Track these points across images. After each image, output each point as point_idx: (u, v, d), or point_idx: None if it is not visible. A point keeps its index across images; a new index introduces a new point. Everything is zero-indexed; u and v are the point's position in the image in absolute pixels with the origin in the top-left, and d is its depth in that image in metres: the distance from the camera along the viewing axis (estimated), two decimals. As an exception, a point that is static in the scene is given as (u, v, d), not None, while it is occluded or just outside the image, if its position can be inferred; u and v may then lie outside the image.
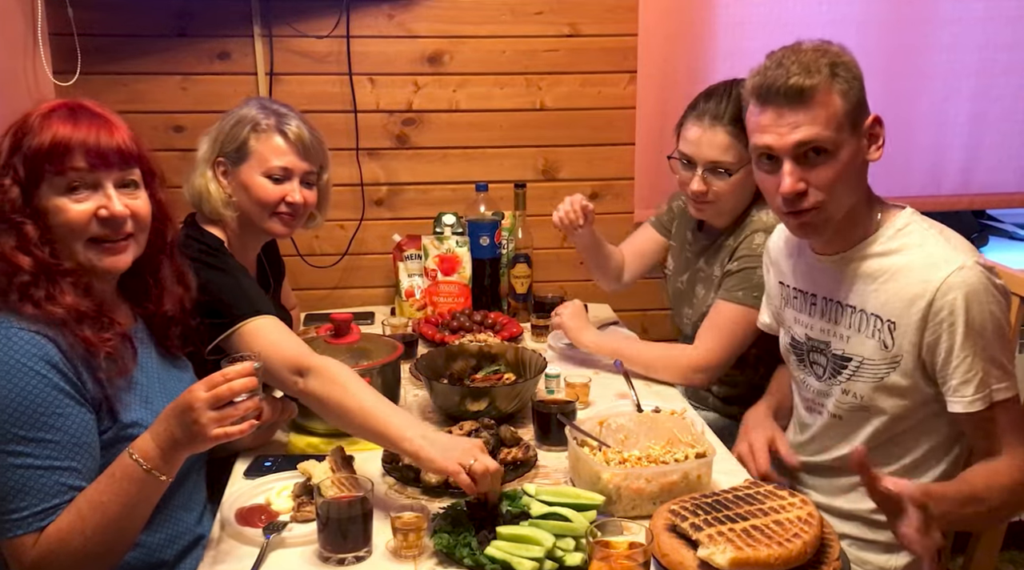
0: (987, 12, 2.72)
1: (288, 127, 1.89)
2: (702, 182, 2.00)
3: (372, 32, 2.63)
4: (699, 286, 2.18)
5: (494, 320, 2.37)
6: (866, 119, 1.56)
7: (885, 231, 1.60)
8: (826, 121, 1.52)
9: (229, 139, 1.89)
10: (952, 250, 1.53)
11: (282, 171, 1.89)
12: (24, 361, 1.31)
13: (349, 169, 2.69)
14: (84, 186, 1.39)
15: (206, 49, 2.58)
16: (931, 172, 2.82)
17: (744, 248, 2.02)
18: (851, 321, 1.63)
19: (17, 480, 1.31)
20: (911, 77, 2.74)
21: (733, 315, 2.01)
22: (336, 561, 1.36)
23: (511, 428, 1.71)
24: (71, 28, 2.46)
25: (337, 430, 1.78)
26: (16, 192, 1.36)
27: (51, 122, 1.38)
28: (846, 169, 1.54)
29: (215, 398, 1.29)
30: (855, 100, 1.54)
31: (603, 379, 2.04)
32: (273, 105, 1.94)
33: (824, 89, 1.51)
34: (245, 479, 1.62)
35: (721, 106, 1.98)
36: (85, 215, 1.39)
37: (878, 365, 1.59)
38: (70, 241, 1.40)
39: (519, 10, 2.66)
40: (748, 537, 1.27)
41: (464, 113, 2.72)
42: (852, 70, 1.54)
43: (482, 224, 2.51)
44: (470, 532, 1.37)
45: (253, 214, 1.90)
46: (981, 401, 1.49)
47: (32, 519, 1.31)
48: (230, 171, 1.90)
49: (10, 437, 1.30)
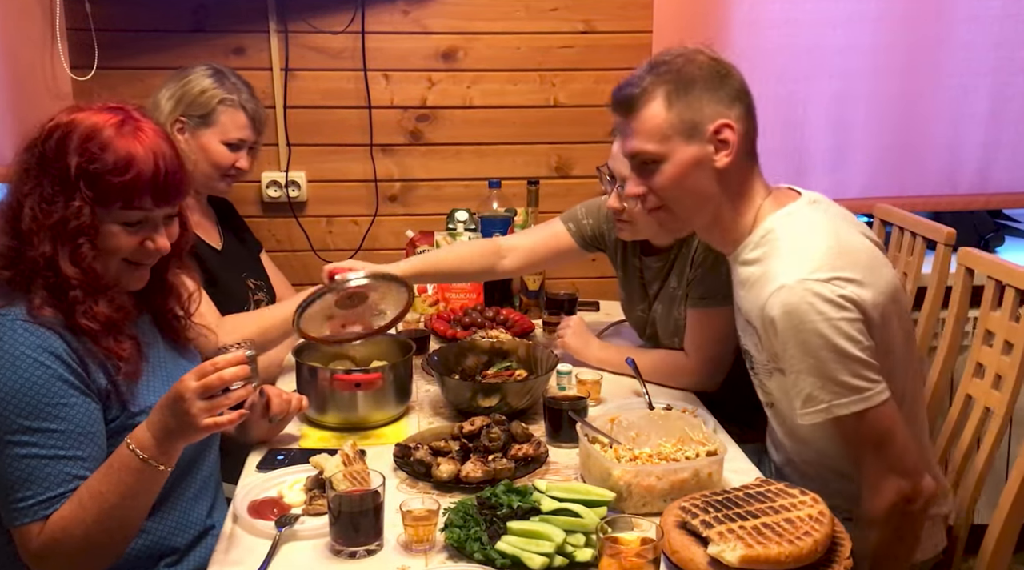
0: (1004, 10, 2.69)
1: (248, 104, 2.21)
2: (618, 198, 1.93)
3: (387, 28, 2.63)
4: (658, 305, 2.09)
5: (506, 316, 2.37)
6: (711, 125, 1.54)
7: (752, 238, 1.60)
8: (647, 133, 1.56)
9: (196, 105, 2.16)
10: (786, 265, 1.50)
11: (238, 141, 2.20)
12: (28, 352, 1.33)
13: (363, 165, 2.70)
14: (144, 222, 1.42)
15: (222, 44, 2.59)
16: (947, 171, 2.80)
17: (700, 252, 1.95)
18: (741, 321, 1.68)
19: (23, 470, 1.32)
20: (927, 75, 2.71)
21: (711, 324, 1.95)
22: (347, 554, 1.36)
23: (522, 424, 1.71)
24: (88, 23, 2.48)
25: (350, 424, 1.80)
26: (88, 213, 1.37)
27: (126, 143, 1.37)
28: (680, 176, 1.56)
29: (204, 388, 1.30)
30: (688, 109, 1.54)
31: (615, 376, 2.04)
32: (231, 78, 2.21)
33: (645, 101, 1.55)
34: (258, 472, 1.63)
35: None
36: (133, 243, 1.42)
37: (763, 365, 1.62)
38: (109, 258, 1.42)
39: (533, 6, 2.66)
40: (758, 535, 1.27)
41: (478, 109, 2.72)
42: (690, 77, 1.54)
43: (495, 220, 2.51)
44: (481, 527, 1.37)
45: (204, 173, 2.18)
46: (811, 416, 1.49)
47: (37, 507, 1.33)
48: (189, 130, 2.16)
49: (15, 427, 1.32)
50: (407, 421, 1.86)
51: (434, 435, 1.70)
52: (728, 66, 1.58)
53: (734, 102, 1.56)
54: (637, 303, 2.18)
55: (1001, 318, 1.80)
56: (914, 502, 1.51)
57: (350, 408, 1.80)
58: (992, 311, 1.84)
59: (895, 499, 1.50)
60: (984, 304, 1.87)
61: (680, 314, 2.03)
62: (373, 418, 1.81)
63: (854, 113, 2.72)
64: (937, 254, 2.13)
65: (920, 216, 2.35)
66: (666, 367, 2.02)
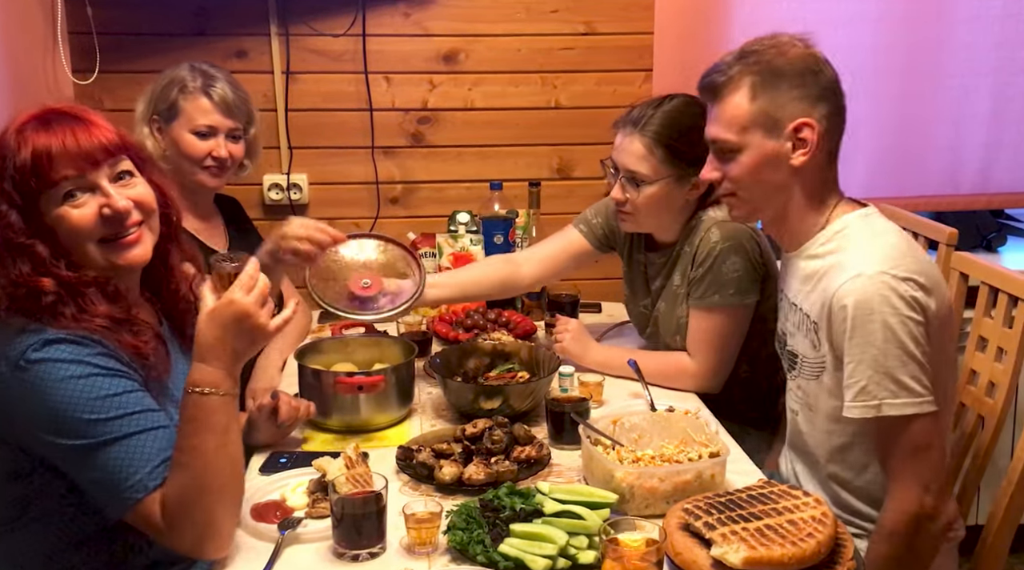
0: (1005, 9, 2.70)
1: (213, 89, 2.11)
2: (621, 190, 1.96)
3: (388, 30, 2.64)
4: (661, 303, 2.09)
5: (508, 318, 2.37)
6: (791, 123, 1.54)
7: (824, 233, 1.60)
8: (727, 122, 1.56)
9: (161, 99, 2.12)
10: (865, 257, 1.51)
11: (207, 128, 2.11)
12: (74, 370, 1.30)
13: (364, 167, 2.70)
14: (80, 190, 1.36)
15: (223, 48, 2.59)
16: (948, 171, 2.80)
17: (703, 249, 1.95)
18: (795, 319, 1.66)
19: (118, 457, 1.30)
20: (928, 75, 2.72)
21: (714, 323, 1.95)
22: (350, 557, 1.36)
23: (524, 426, 1.71)
24: (90, 27, 2.48)
25: (352, 427, 1.80)
26: (15, 216, 1.33)
27: (26, 136, 1.34)
28: (754, 169, 1.57)
29: (261, 296, 1.35)
30: (772, 103, 1.53)
31: (617, 378, 2.04)
32: (202, 66, 2.15)
33: (730, 90, 1.56)
34: (260, 475, 1.63)
35: (644, 116, 1.93)
36: (89, 218, 1.36)
37: (812, 364, 1.61)
38: (83, 247, 1.38)
39: (535, 8, 2.66)
40: (761, 536, 1.27)
41: (479, 111, 2.72)
42: (779, 71, 1.53)
43: (496, 222, 2.51)
44: (483, 529, 1.37)
45: (184, 168, 2.12)
46: (861, 410, 1.48)
47: (146, 480, 1.31)
48: (163, 128, 2.13)
49: (94, 432, 1.30)
50: (409, 424, 1.85)
51: (436, 437, 1.70)
52: (821, 62, 1.57)
53: (820, 100, 1.55)
54: (640, 299, 2.18)
55: (994, 324, 1.80)
56: (935, 521, 1.50)
57: (352, 411, 1.80)
58: (985, 317, 1.84)
59: (918, 513, 1.48)
60: (978, 310, 1.87)
61: (683, 313, 2.02)
62: (375, 421, 1.81)
63: (855, 113, 2.69)
64: (939, 254, 2.12)
65: (922, 216, 2.35)
66: (669, 369, 2.01)
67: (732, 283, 1.92)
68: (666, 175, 1.93)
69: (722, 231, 1.92)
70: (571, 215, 2.47)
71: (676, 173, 1.93)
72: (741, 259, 1.92)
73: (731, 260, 1.92)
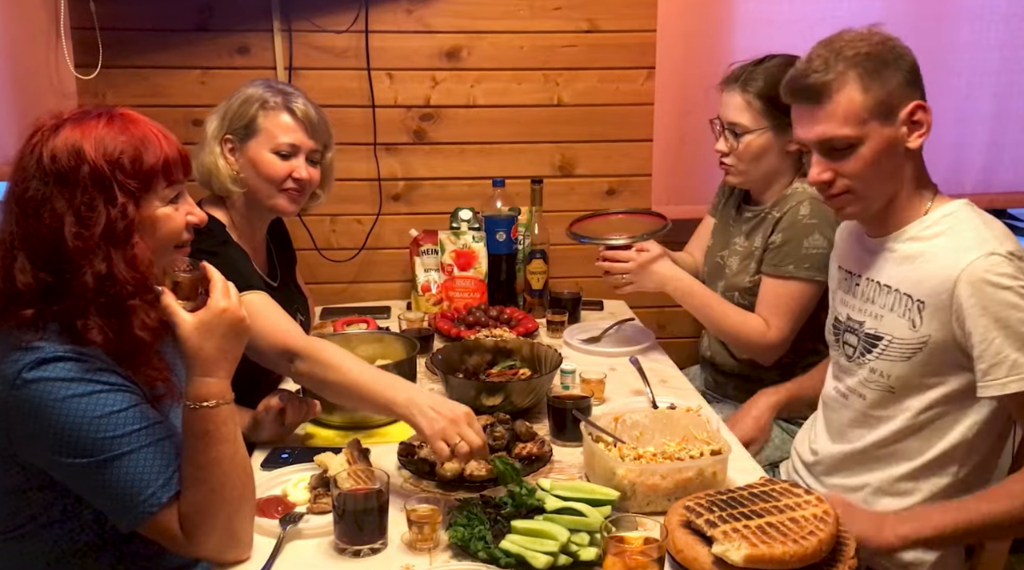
0: (1010, 9, 2.69)
1: (295, 105, 1.97)
2: (724, 142, 2.11)
3: (390, 27, 2.64)
4: (733, 259, 2.20)
5: (510, 315, 2.37)
6: (904, 107, 1.56)
7: (932, 216, 1.62)
8: (843, 118, 1.54)
9: (237, 117, 1.96)
10: (984, 237, 1.53)
11: (289, 147, 1.96)
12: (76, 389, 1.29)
13: (366, 164, 2.70)
14: (180, 197, 1.41)
15: (226, 44, 2.59)
16: (952, 170, 2.79)
17: (788, 218, 2.05)
18: (886, 301, 1.65)
19: (129, 471, 1.30)
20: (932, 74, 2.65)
21: (793, 291, 2.03)
22: (351, 553, 1.37)
23: (526, 423, 1.71)
24: (93, 22, 2.48)
25: (354, 423, 1.80)
26: (132, 208, 1.32)
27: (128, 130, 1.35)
28: (874, 159, 1.56)
29: (237, 297, 1.36)
30: (883, 90, 1.54)
31: (618, 375, 2.04)
32: (279, 85, 2.03)
33: (838, 86, 1.54)
34: (262, 470, 1.63)
35: (744, 71, 2.07)
36: (182, 222, 1.40)
37: (906, 344, 1.60)
38: (165, 249, 1.39)
39: (537, 5, 2.66)
40: (763, 534, 1.27)
41: (481, 108, 2.72)
42: (880, 58, 1.55)
43: (499, 220, 2.51)
44: (485, 526, 1.37)
45: (260, 190, 1.97)
46: (1018, 383, 1.48)
47: (160, 493, 1.31)
48: (238, 148, 1.97)
49: (101, 450, 1.29)
50: (411, 420, 1.86)
51: (438, 434, 1.70)
52: (903, 45, 1.59)
53: (918, 80, 1.58)
54: (718, 248, 2.30)
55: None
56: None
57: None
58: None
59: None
60: None
61: (745, 278, 2.12)
62: (377, 417, 1.81)
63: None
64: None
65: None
66: (747, 330, 2.07)
67: (809, 258, 1.99)
68: (765, 125, 2.05)
69: (812, 207, 2.01)
70: (573, 212, 2.49)
71: (774, 123, 2.03)
72: (824, 239, 1.98)
73: (814, 237, 2.00)
